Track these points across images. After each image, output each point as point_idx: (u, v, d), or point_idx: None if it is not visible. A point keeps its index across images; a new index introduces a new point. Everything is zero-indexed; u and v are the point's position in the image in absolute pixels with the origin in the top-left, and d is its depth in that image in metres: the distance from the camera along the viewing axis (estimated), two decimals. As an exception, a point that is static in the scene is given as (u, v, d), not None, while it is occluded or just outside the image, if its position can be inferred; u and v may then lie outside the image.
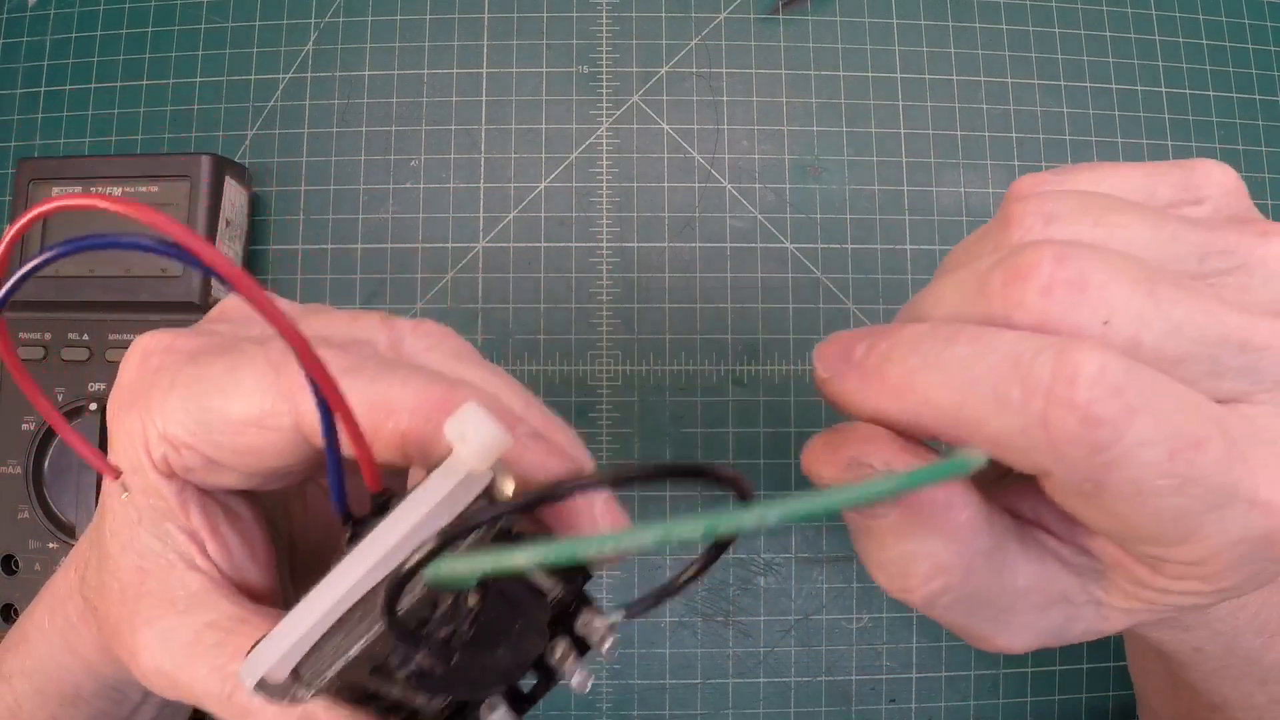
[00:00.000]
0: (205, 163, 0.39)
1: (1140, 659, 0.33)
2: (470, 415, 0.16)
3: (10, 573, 0.38)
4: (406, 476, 0.22)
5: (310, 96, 0.44)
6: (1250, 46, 0.46)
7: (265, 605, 0.21)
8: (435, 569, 0.14)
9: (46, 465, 0.39)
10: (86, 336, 0.40)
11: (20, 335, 0.40)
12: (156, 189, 0.40)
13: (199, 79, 0.45)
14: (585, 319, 0.43)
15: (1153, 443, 0.15)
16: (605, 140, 0.44)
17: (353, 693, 0.18)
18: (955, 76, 0.45)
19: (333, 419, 0.16)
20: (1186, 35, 0.46)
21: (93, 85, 0.45)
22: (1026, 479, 0.18)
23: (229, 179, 0.40)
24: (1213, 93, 0.45)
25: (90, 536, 0.24)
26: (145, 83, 0.45)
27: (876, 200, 0.44)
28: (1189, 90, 0.45)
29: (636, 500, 0.42)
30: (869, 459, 0.18)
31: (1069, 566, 0.19)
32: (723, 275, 0.43)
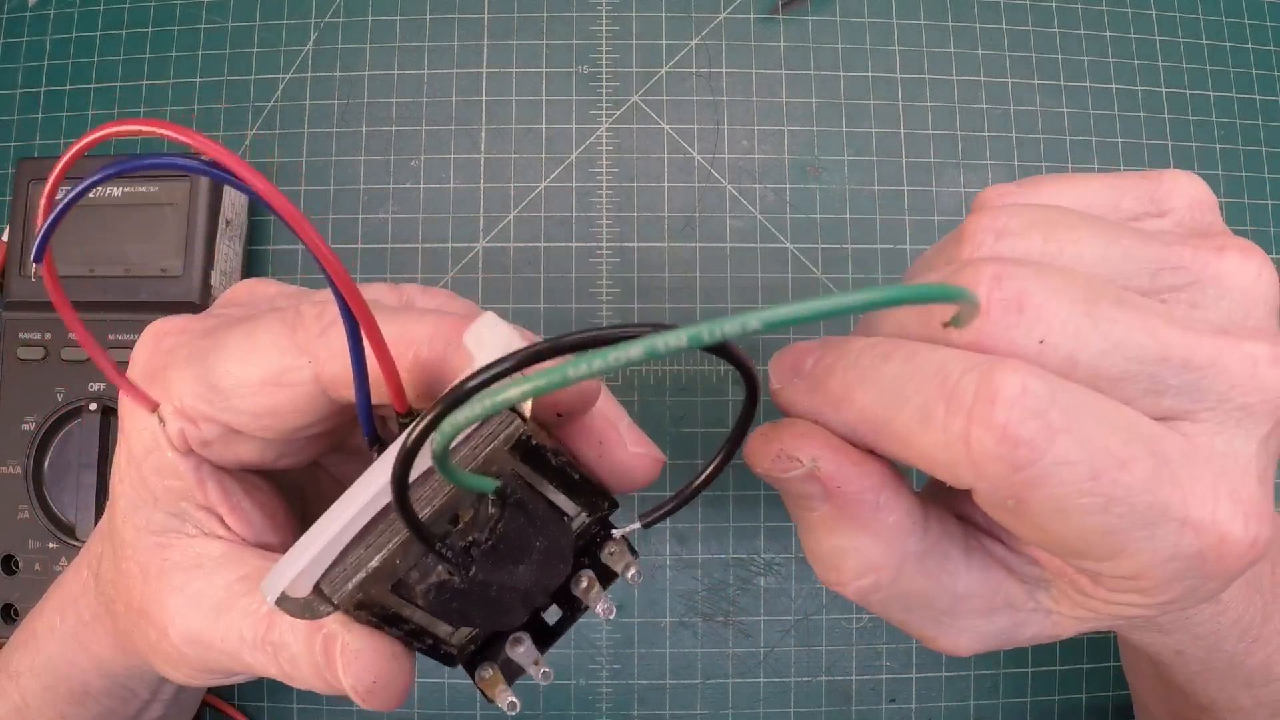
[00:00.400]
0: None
1: (1133, 659, 0.33)
2: (487, 322, 0.17)
3: (10, 573, 0.38)
4: None
5: (310, 96, 0.44)
6: (1250, 46, 0.46)
7: None
8: (440, 433, 0.14)
9: (46, 465, 0.39)
10: (86, 336, 0.40)
11: (20, 335, 0.40)
12: (157, 189, 0.40)
13: (199, 79, 0.45)
14: (585, 319, 0.43)
15: (1074, 462, 0.15)
16: (605, 140, 0.44)
17: (374, 611, 0.18)
18: (955, 76, 0.45)
19: (360, 341, 0.17)
20: (1186, 35, 0.46)
21: (93, 85, 0.45)
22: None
23: (229, 179, 0.40)
24: (1213, 93, 0.45)
25: (102, 531, 0.24)
26: (145, 83, 0.45)
27: (876, 200, 0.44)
28: (1189, 90, 0.45)
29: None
30: (797, 453, 0.19)
31: (1016, 574, 0.20)
32: (723, 275, 0.43)
